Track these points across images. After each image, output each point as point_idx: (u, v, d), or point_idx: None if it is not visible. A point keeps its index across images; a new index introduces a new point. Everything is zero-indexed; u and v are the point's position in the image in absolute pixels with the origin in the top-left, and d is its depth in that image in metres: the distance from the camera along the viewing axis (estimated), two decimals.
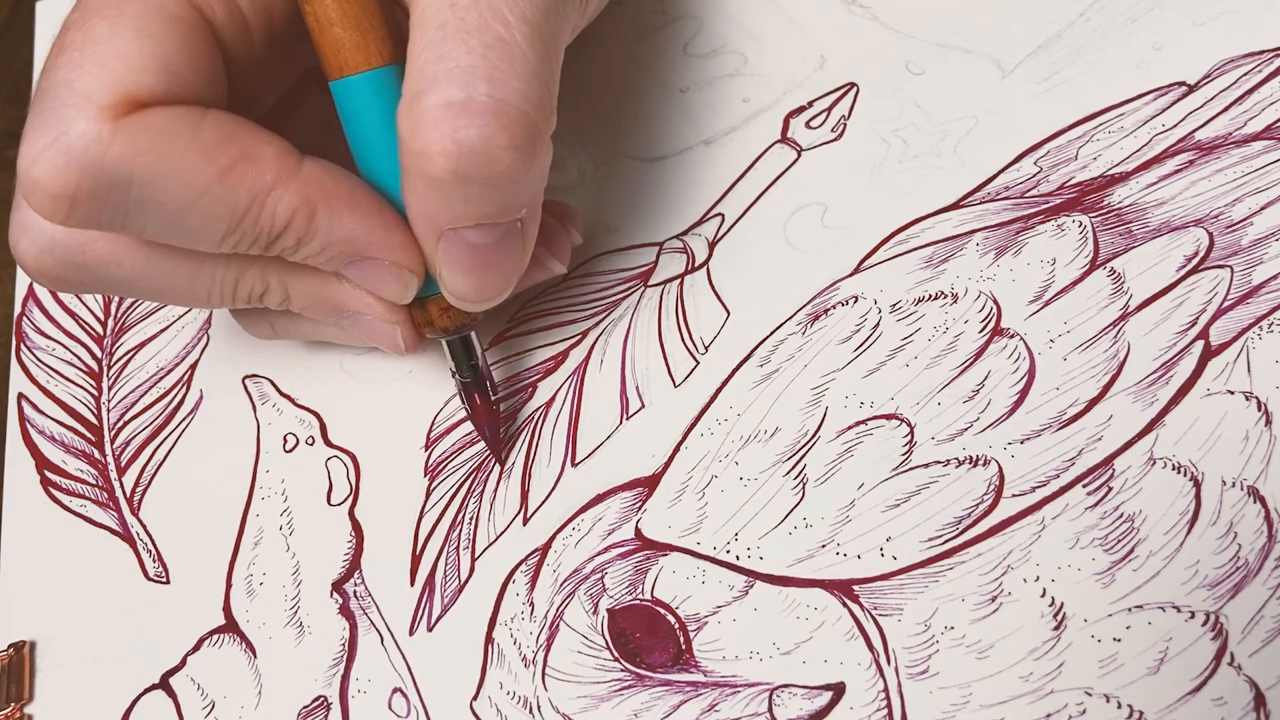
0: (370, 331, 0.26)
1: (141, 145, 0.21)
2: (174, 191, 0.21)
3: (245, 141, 0.22)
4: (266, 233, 0.23)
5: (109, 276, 0.24)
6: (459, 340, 0.26)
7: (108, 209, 0.21)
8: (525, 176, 0.22)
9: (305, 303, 0.26)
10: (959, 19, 0.31)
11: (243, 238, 0.23)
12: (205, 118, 0.22)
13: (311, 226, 0.23)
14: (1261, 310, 0.24)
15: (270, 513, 0.29)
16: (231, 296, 0.25)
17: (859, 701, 0.23)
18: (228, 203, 0.22)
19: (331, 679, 0.26)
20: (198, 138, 0.21)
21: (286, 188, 0.22)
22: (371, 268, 0.24)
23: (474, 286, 0.24)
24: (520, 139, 0.21)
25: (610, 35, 0.34)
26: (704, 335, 0.28)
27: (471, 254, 0.23)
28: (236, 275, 0.25)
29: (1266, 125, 0.27)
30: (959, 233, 0.27)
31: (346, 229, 0.23)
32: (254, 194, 0.22)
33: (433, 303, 0.25)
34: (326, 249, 0.23)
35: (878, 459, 0.25)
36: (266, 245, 0.23)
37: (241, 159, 0.22)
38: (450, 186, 0.21)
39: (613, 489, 0.26)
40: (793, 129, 0.31)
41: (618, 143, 0.32)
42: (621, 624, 0.25)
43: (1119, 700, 0.21)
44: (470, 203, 0.22)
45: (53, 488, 0.31)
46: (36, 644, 0.29)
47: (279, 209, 0.22)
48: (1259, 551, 0.22)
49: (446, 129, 0.20)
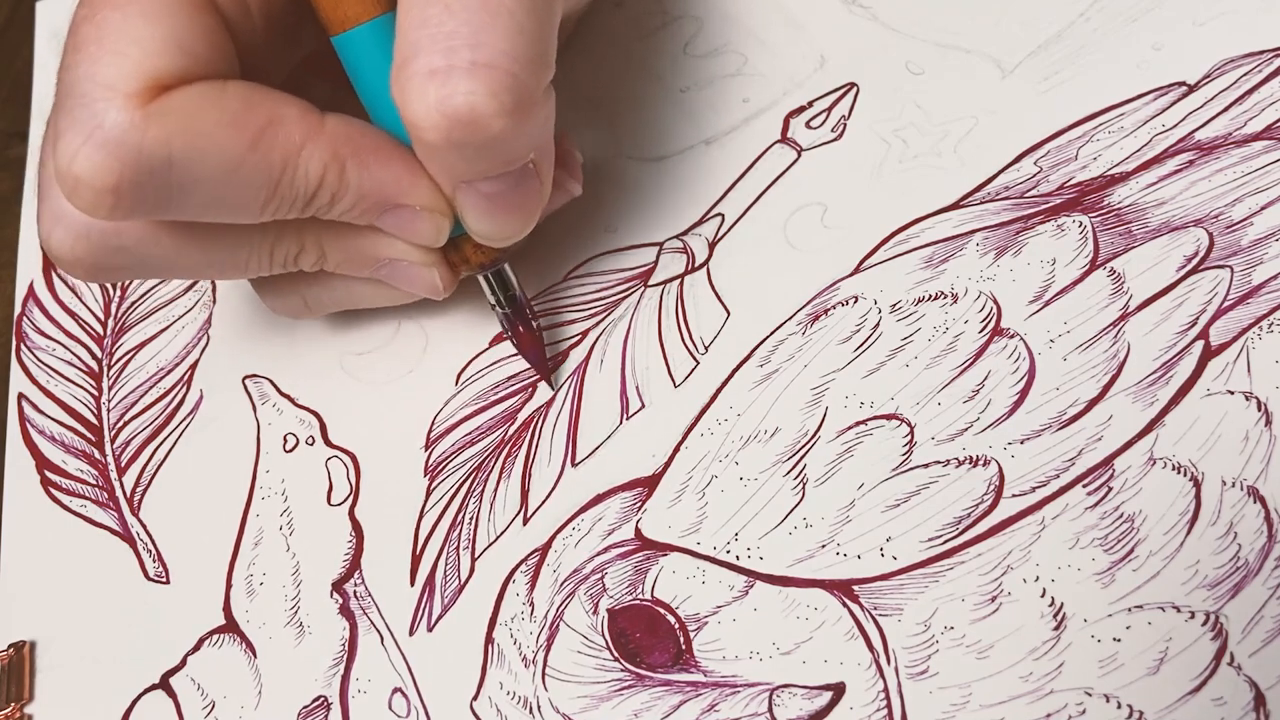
0: (407, 277, 0.26)
1: (174, 126, 0.21)
2: (211, 166, 0.21)
3: (269, 106, 0.22)
4: (303, 193, 0.23)
5: (147, 258, 0.24)
6: (495, 274, 0.27)
7: (151, 195, 0.21)
8: (522, 133, 0.22)
9: (341, 257, 0.26)
10: (959, 19, 0.31)
11: (281, 202, 0.23)
12: (226, 90, 0.22)
13: (343, 181, 0.23)
14: (1261, 310, 0.24)
15: (270, 513, 0.29)
16: (269, 262, 0.25)
17: (859, 701, 0.23)
18: (264, 168, 0.22)
19: (331, 679, 0.26)
20: (225, 110, 0.21)
21: (315, 145, 0.22)
22: (404, 214, 0.24)
23: (497, 229, 0.24)
24: (509, 103, 0.21)
25: (610, 35, 0.34)
26: (704, 335, 0.28)
27: (489, 201, 0.24)
28: (273, 240, 0.25)
29: (1266, 125, 0.27)
30: (959, 233, 0.27)
31: (375, 179, 0.23)
32: (286, 156, 0.22)
33: (465, 241, 0.26)
34: (360, 201, 0.24)
35: (878, 459, 0.25)
36: (304, 206, 0.23)
37: (269, 124, 0.22)
38: (447, 151, 0.21)
39: (613, 489, 0.26)
40: (793, 129, 0.31)
41: (618, 143, 0.32)
42: (621, 624, 0.25)
43: (1119, 700, 0.21)
44: (473, 162, 0.22)
45: (53, 488, 0.31)
46: (36, 644, 0.29)
47: (311, 167, 0.22)
48: (1259, 551, 0.22)
49: (432, 99, 0.20)
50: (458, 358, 0.30)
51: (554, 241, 0.30)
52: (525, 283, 0.30)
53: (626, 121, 0.32)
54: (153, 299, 0.34)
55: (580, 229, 0.30)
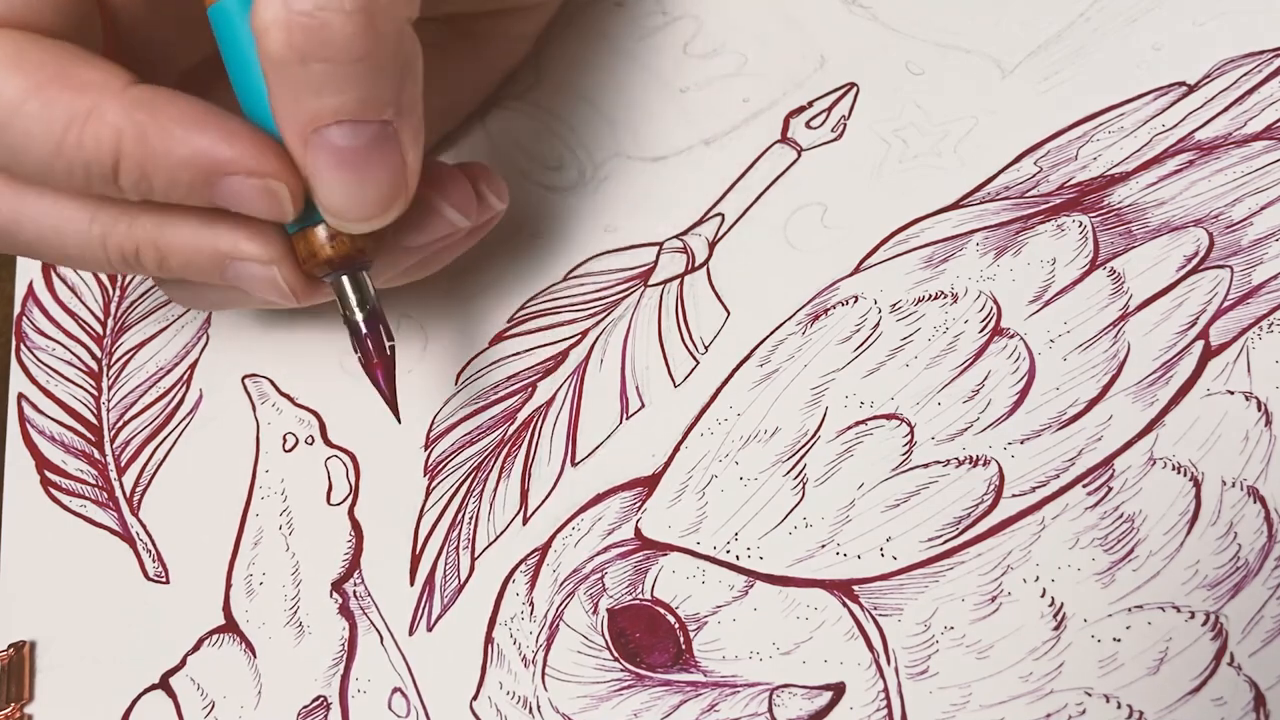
0: (251, 279, 0.24)
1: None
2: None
3: (67, 63, 0.21)
4: (97, 160, 0.22)
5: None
6: (350, 277, 0.25)
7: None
8: (374, 57, 0.21)
9: (181, 260, 0.24)
10: (959, 19, 0.31)
11: (72, 164, 0.22)
12: (37, 42, 0.21)
13: (146, 149, 0.22)
14: (1261, 310, 0.24)
15: (270, 512, 0.29)
16: (104, 256, 0.24)
17: (859, 701, 0.23)
18: (44, 120, 0.21)
19: (331, 679, 0.26)
20: (18, 56, 0.21)
21: (107, 108, 0.21)
22: (235, 185, 0.22)
23: (348, 197, 0.22)
24: (351, 2, 0.20)
25: (610, 35, 0.34)
26: (704, 335, 0.28)
27: (340, 159, 0.22)
28: (103, 231, 0.24)
29: (1266, 125, 0.27)
30: (959, 233, 0.27)
31: (187, 146, 0.22)
32: (71, 114, 0.21)
33: (314, 234, 0.24)
34: (176, 173, 0.22)
35: (878, 459, 0.25)
36: (108, 178, 0.22)
37: (58, 77, 0.21)
38: (294, 68, 0.20)
39: (613, 489, 0.26)
40: (793, 129, 0.31)
41: (618, 143, 0.32)
42: (621, 624, 0.25)
43: (1119, 700, 0.21)
44: (321, 90, 0.21)
45: (53, 488, 0.31)
46: (36, 644, 0.29)
47: (103, 132, 0.21)
48: (1259, 551, 0.22)
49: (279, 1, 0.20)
50: (457, 357, 0.30)
51: (554, 241, 0.30)
52: (526, 282, 0.30)
53: (626, 121, 0.32)
54: (153, 298, 0.34)
55: (580, 229, 0.30)
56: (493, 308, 0.30)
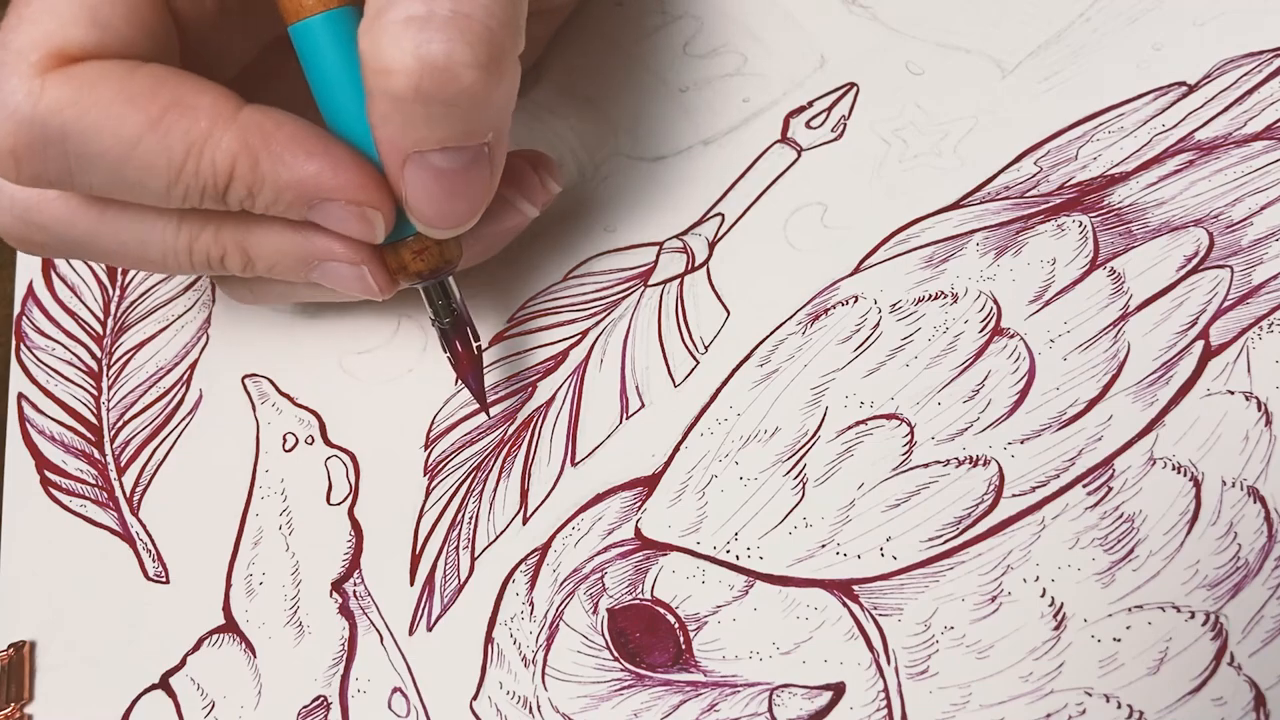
0: (339, 277, 0.25)
1: (67, 97, 0.21)
2: (106, 143, 0.21)
3: (178, 90, 0.22)
4: (212, 182, 0.22)
5: (66, 237, 0.24)
6: (436, 285, 0.26)
7: (50, 164, 0.21)
8: (490, 96, 0.21)
9: (269, 262, 0.25)
10: (959, 19, 0.31)
11: (189, 190, 0.22)
12: (139, 70, 0.22)
13: (257, 173, 0.22)
14: (1261, 310, 0.24)
15: (270, 512, 0.29)
16: (189, 260, 0.25)
17: (859, 701, 0.23)
18: (163, 152, 0.21)
19: (331, 679, 0.26)
20: (125, 88, 0.21)
21: (223, 134, 0.22)
22: (333, 210, 0.23)
23: (440, 213, 0.23)
24: (484, 55, 0.20)
25: (610, 35, 0.34)
26: (704, 335, 0.28)
27: (438, 179, 0.23)
28: (190, 238, 0.24)
29: (1266, 125, 0.27)
30: (959, 233, 0.27)
31: (294, 172, 0.22)
32: (189, 142, 0.22)
33: (405, 247, 0.25)
34: (281, 195, 0.23)
35: (878, 459, 0.25)
36: (219, 197, 0.23)
37: (173, 107, 0.21)
38: (413, 105, 0.21)
39: (612, 489, 0.26)
40: (793, 129, 0.31)
41: (618, 143, 0.32)
42: (621, 624, 0.25)
43: (1119, 700, 0.21)
44: (434, 123, 0.21)
45: (53, 488, 0.31)
46: (36, 644, 0.29)
47: (218, 157, 0.22)
48: (1259, 551, 0.22)
49: (409, 44, 0.20)
50: None
51: (554, 241, 0.30)
52: (526, 282, 0.30)
53: (626, 121, 0.32)
54: (152, 298, 0.34)
55: (580, 229, 0.30)
56: (493, 308, 0.30)
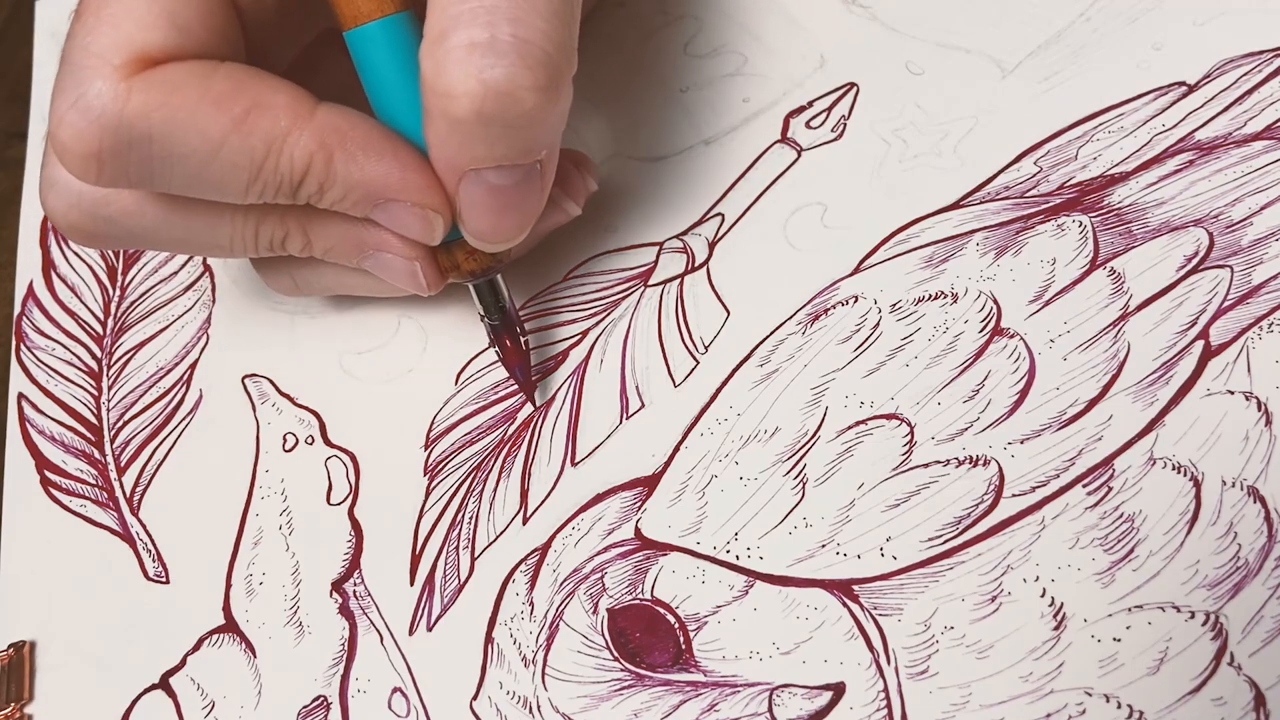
0: (392, 269, 0.26)
1: (155, 100, 0.21)
2: (192, 144, 0.22)
3: (258, 90, 0.22)
4: (288, 179, 0.23)
5: (134, 228, 0.25)
6: (486, 283, 0.27)
7: (133, 166, 0.22)
8: (547, 118, 0.22)
9: (327, 245, 0.26)
10: (959, 19, 0.31)
11: (266, 186, 0.23)
12: (218, 70, 0.22)
13: (330, 171, 0.23)
14: (1261, 310, 0.24)
15: (270, 512, 0.29)
16: (254, 244, 0.26)
17: (859, 701, 0.23)
18: (246, 151, 0.22)
19: (331, 679, 0.26)
20: (210, 89, 0.22)
21: (302, 132, 0.22)
22: (396, 210, 0.24)
23: (494, 227, 0.24)
24: (544, 79, 0.21)
25: (610, 35, 0.34)
26: (704, 335, 0.28)
27: (492, 195, 0.23)
28: (256, 222, 0.25)
29: (1266, 125, 0.27)
30: (959, 233, 0.27)
31: (365, 172, 0.23)
32: (270, 141, 0.22)
33: (458, 247, 0.26)
34: (350, 193, 0.23)
35: (878, 459, 0.25)
36: (291, 193, 0.23)
37: (255, 107, 0.22)
38: (474, 127, 0.21)
39: (612, 489, 0.26)
40: (793, 129, 0.31)
41: (618, 143, 0.32)
42: (621, 624, 0.25)
43: (1119, 700, 0.21)
44: (493, 144, 0.22)
45: (53, 488, 0.31)
46: (36, 644, 0.29)
47: (296, 154, 0.22)
48: (1259, 551, 0.22)
49: (472, 69, 0.21)
50: (458, 357, 0.30)
51: (554, 241, 0.30)
52: (526, 282, 0.30)
53: (626, 121, 0.32)
54: (153, 299, 0.34)
55: (580, 229, 0.30)
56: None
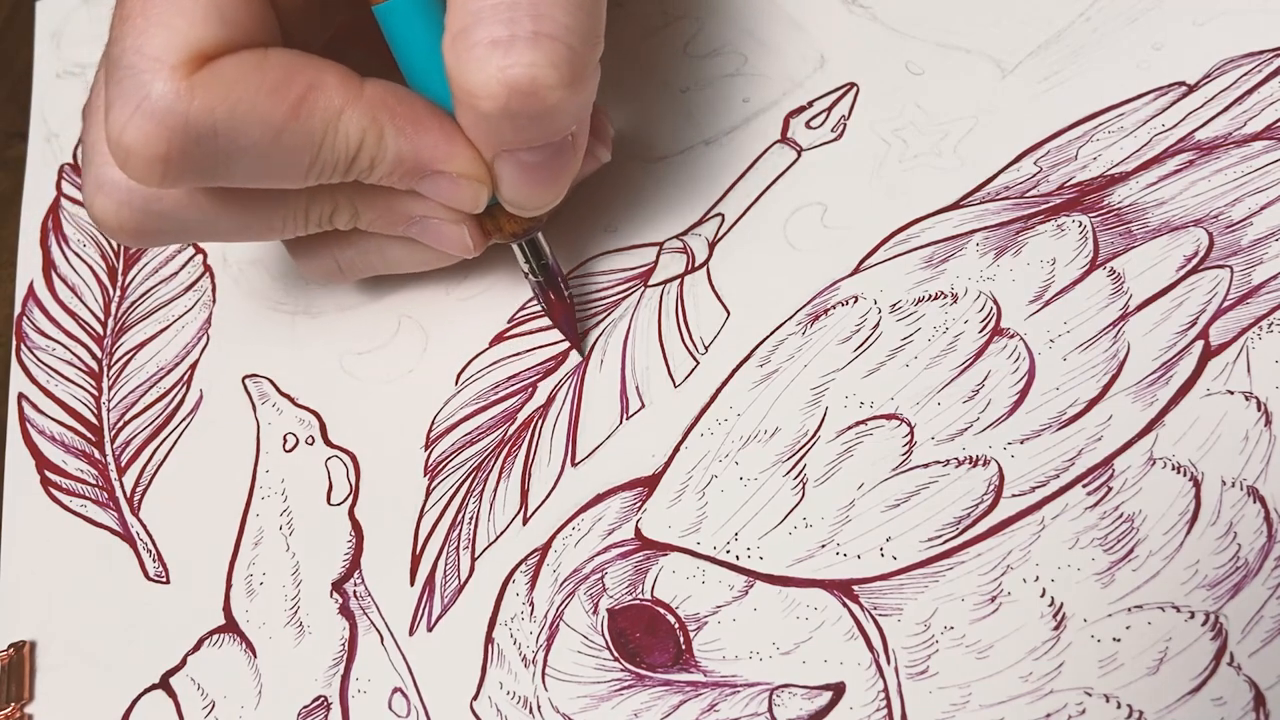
0: (438, 235, 0.26)
1: (219, 95, 0.21)
2: (255, 134, 0.22)
3: (309, 73, 0.22)
4: (344, 157, 0.23)
5: (188, 221, 0.25)
6: (528, 242, 0.27)
7: (200, 163, 0.22)
8: (573, 105, 0.22)
9: (374, 214, 0.26)
10: (959, 19, 0.31)
11: (324, 167, 0.23)
12: (267, 58, 0.22)
13: (382, 145, 0.23)
14: (1261, 310, 0.24)
15: (270, 512, 0.29)
16: (304, 223, 0.26)
17: (859, 701, 0.23)
18: (305, 134, 0.22)
19: (331, 679, 0.26)
20: (265, 78, 0.22)
21: (354, 110, 0.23)
22: (443, 181, 0.24)
23: (530, 197, 0.25)
24: (567, 75, 0.21)
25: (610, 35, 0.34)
26: (704, 335, 0.28)
27: (526, 171, 0.24)
28: (307, 202, 0.25)
29: (1266, 125, 0.27)
30: (959, 233, 0.27)
31: (414, 145, 0.24)
32: (326, 121, 0.22)
33: (499, 210, 0.26)
34: (398, 166, 0.24)
35: (878, 459, 0.25)
36: (345, 170, 0.24)
37: (310, 90, 0.22)
38: (500, 120, 0.22)
39: (613, 489, 0.26)
40: (793, 129, 0.31)
41: (618, 143, 0.32)
42: (621, 624, 0.25)
43: (1119, 700, 0.21)
44: (521, 131, 0.23)
45: (53, 488, 0.31)
46: (36, 644, 0.29)
47: (350, 131, 0.23)
48: (1259, 551, 0.22)
49: (493, 68, 0.21)
50: (458, 357, 0.30)
51: (554, 241, 0.30)
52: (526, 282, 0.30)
53: (626, 121, 0.32)
54: (153, 299, 0.34)
55: (580, 229, 0.30)
56: (493, 308, 0.30)
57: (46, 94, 0.40)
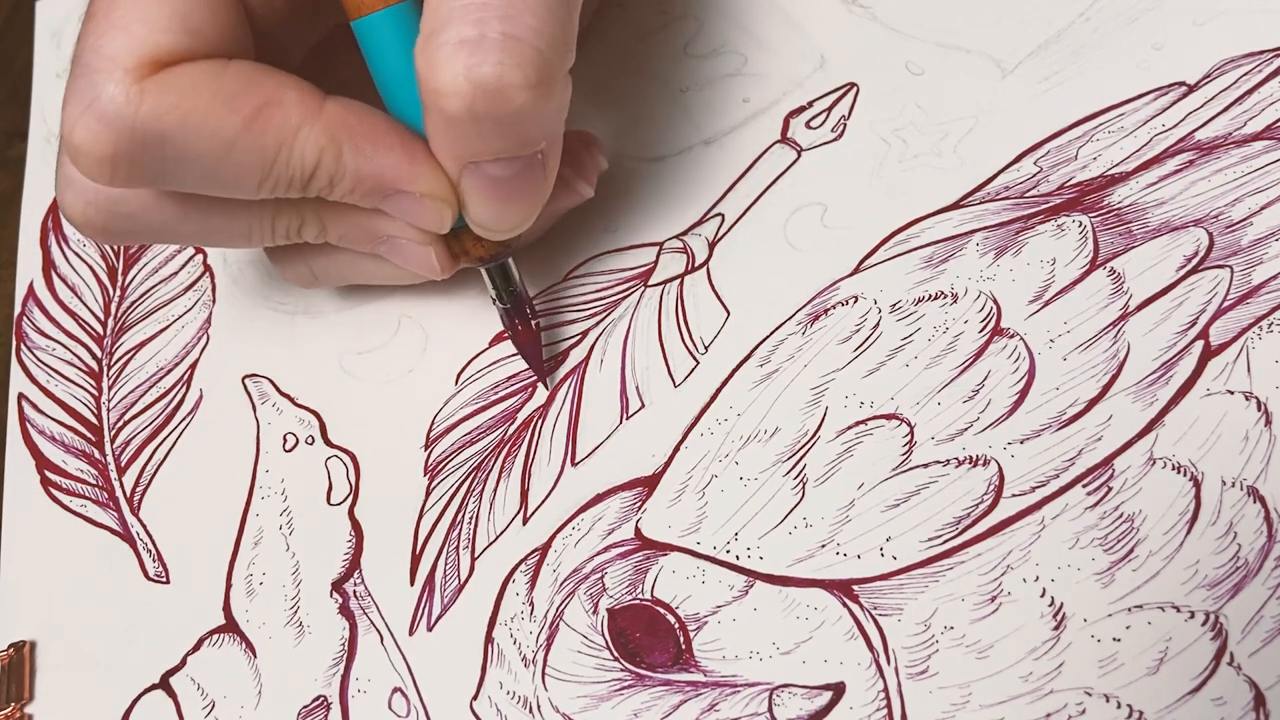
0: (405, 255, 0.26)
1: (169, 102, 0.21)
2: (205, 144, 0.22)
3: (267, 88, 0.22)
4: (299, 175, 0.23)
5: (151, 223, 0.25)
6: (497, 267, 0.27)
7: (147, 167, 0.22)
8: (541, 113, 0.22)
9: (342, 231, 0.26)
10: (959, 19, 0.31)
11: (278, 182, 0.23)
12: (227, 69, 0.22)
13: (340, 165, 0.23)
14: (1261, 310, 0.24)
15: (270, 512, 0.29)
16: (271, 234, 0.26)
17: (859, 701, 0.23)
18: (257, 149, 0.22)
19: (331, 679, 0.26)
20: (221, 90, 0.22)
21: (311, 128, 0.23)
22: (406, 201, 0.24)
23: (496, 217, 0.24)
24: (534, 76, 0.21)
25: (610, 35, 0.34)
26: (704, 335, 0.28)
27: (494, 186, 0.24)
28: (272, 213, 0.25)
29: (1266, 125, 0.27)
30: (959, 233, 0.27)
31: (374, 164, 0.23)
32: (281, 138, 0.22)
33: (467, 233, 0.26)
34: (359, 185, 0.24)
35: (878, 459, 0.25)
36: (302, 187, 0.23)
37: (265, 105, 0.22)
38: (467, 124, 0.22)
39: (612, 489, 0.26)
40: (793, 129, 0.31)
41: (618, 143, 0.32)
42: (621, 624, 0.25)
43: (1119, 700, 0.21)
44: (488, 138, 0.22)
45: (53, 488, 0.31)
46: (36, 644, 0.29)
47: (307, 150, 0.23)
48: (1259, 551, 0.22)
49: (460, 67, 0.21)
50: (458, 357, 0.30)
51: (554, 241, 0.30)
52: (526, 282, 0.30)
53: (626, 121, 0.32)
54: (153, 299, 0.34)
55: (580, 229, 0.30)
56: (493, 308, 0.30)
57: (46, 94, 0.40)
